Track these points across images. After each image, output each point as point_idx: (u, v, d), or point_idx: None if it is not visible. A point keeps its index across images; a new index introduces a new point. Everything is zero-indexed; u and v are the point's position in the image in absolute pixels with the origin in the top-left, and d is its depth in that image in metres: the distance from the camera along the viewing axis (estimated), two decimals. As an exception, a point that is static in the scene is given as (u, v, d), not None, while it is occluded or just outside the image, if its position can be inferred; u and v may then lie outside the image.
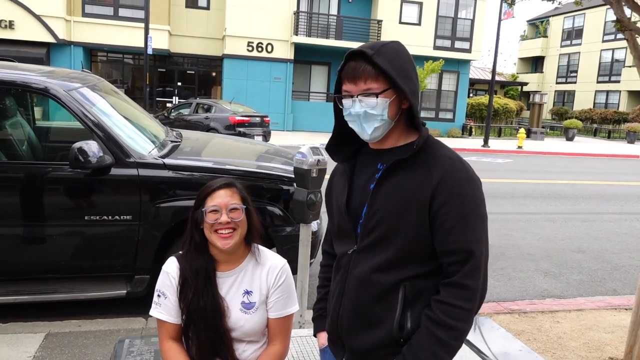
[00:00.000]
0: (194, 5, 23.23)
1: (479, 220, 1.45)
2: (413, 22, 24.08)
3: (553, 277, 5.50)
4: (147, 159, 3.64)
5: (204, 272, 1.83)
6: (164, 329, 1.87)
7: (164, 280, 1.88)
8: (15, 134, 4.05)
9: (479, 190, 1.47)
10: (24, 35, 19.24)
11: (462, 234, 1.42)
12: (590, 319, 4.20)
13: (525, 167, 15.58)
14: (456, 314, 1.42)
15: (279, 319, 1.93)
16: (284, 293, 1.93)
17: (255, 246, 1.93)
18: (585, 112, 35.64)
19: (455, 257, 1.43)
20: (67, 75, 3.99)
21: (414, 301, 1.49)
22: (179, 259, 1.90)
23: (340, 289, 1.60)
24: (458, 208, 1.42)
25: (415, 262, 1.48)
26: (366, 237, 1.51)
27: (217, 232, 1.80)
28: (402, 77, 1.43)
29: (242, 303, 1.87)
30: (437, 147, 1.50)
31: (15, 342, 3.30)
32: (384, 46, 1.45)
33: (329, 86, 25.02)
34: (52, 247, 3.56)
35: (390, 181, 1.48)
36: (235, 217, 1.81)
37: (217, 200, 1.81)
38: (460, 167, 1.46)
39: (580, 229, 7.72)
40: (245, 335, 1.88)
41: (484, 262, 1.46)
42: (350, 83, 1.46)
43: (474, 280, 1.43)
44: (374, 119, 1.46)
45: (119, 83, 23.14)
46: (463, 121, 26.53)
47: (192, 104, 16.06)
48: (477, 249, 1.43)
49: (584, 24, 38.69)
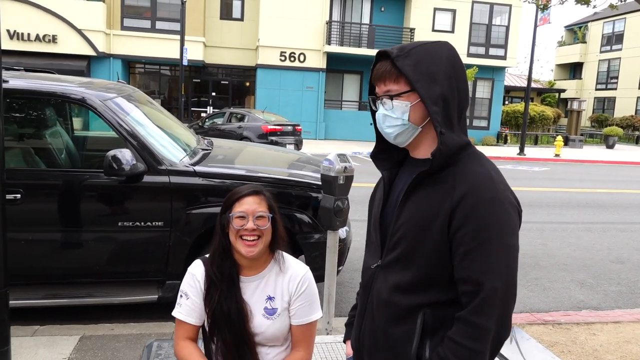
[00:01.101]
0: (228, 17, 23.66)
1: (499, 248, 1.28)
2: (446, 29, 23.90)
3: (590, 288, 5.33)
4: (178, 167, 3.71)
5: (228, 276, 1.86)
6: (182, 329, 1.90)
7: (188, 281, 1.92)
8: (54, 142, 4.20)
9: (505, 213, 1.30)
10: (66, 48, 20.00)
11: (476, 262, 1.28)
12: (629, 332, 4.05)
13: (563, 175, 15.19)
14: (461, 354, 1.29)
15: (302, 326, 1.94)
16: (307, 301, 1.93)
17: (279, 253, 1.95)
18: (627, 119, 34.54)
19: (465, 287, 1.31)
20: (104, 86, 4.12)
21: (435, 330, 1.37)
22: (204, 262, 1.93)
23: (362, 305, 1.55)
24: (474, 232, 1.27)
25: (435, 287, 1.37)
26: (390, 253, 1.43)
27: (242, 239, 1.82)
28: (424, 81, 1.33)
29: (265, 309, 1.89)
30: (469, 160, 1.37)
31: (52, 343, 3.41)
32: (419, 47, 1.37)
33: (361, 95, 25.05)
34: (86, 252, 3.67)
35: (415, 195, 1.39)
36: (261, 225, 1.82)
37: (244, 206, 1.83)
38: (487, 184, 1.31)
39: (619, 239, 7.47)
40: (267, 340, 1.90)
41: (499, 297, 1.28)
42: (376, 84, 1.43)
43: (483, 317, 1.27)
44: (393, 123, 1.40)
45: (156, 94, 23.74)
46: (498, 129, 26.10)
47: (226, 114, 16.30)
48: (488, 282, 1.27)
49: (624, 29, 37.61)
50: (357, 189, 3.36)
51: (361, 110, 24.59)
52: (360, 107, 24.89)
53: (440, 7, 23.76)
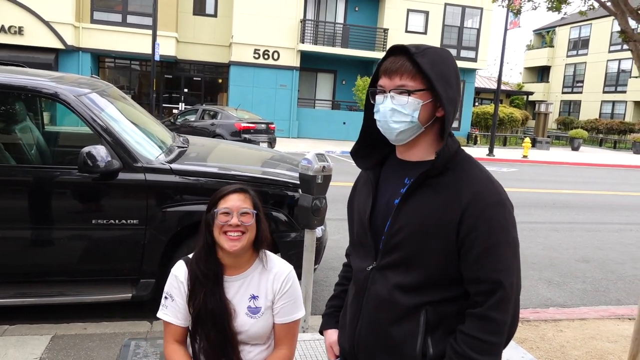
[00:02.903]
0: (201, 13, 23.40)
1: (509, 247, 1.36)
2: (419, 30, 24.17)
3: (557, 286, 5.50)
4: (154, 164, 3.68)
5: (212, 275, 1.86)
6: (170, 331, 1.91)
7: (172, 283, 1.92)
8: (24, 138, 4.10)
9: (509, 215, 1.38)
10: (33, 41, 19.44)
11: (491, 262, 1.33)
12: (594, 328, 4.19)
13: (531, 176, 15.56)
14: (482, 348, 1.34)
15: (285, 325, 1.96)
16: (290, 299, 1.95)
17: (262, 252, 1.96)
18: (591, 122, 35.57)
19: (482, 287, 1.35)
20: (76, 80, 4.05)
21: (436, 327, 1.41)
22: (187, 262, 1.94)
23: (356, 307, 1.52)
24: (486, 234, 1.33)
25: (438, 286, 1.40)
26: (387, 256, 1.43)
27: (226, 234, 1.83)
28: (441, 82, 1.35)
29: (249, 307, 1.90)
30: (468, 166, 1.41)
31: (22, 344, 3.33)
32: (430, 49, 1.38)
33: (334, 94, 25.14)
34: (59, 250, 3.60)
35: (415, 199, 1.39)
36: (246, 221, 1.85)
37: (229, 203, 1.85)
38: (491, 189, 1.37)
39: (584, 239, 7.71)
40: (250, 338, 1.91)
41: (514, 293, 1.36)
42: (385, 77, 1.39)
43: (501, 312, 1.34)
44: (402, 119, 1.38)
45: (126, 89, 23.30)
46: (468, 130, 26.53)
47: (198, 111, 16.15)
48: (506, 280, 1.33)
49: (590, 34, 38.69)
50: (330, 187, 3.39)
51: (334, 110, 24.67)
52: (334, 106, 24.97)
53: (414, 8, 24.00)
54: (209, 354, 1.85)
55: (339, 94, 25.19)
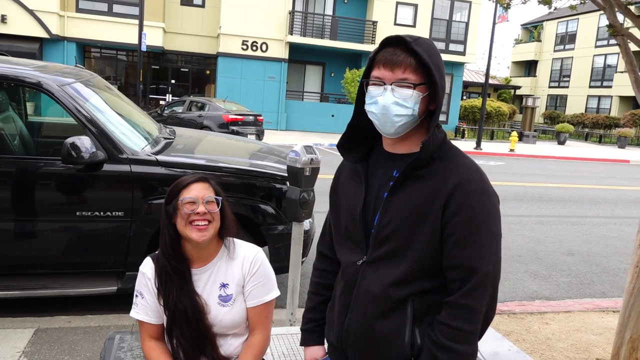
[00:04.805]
0: (189, 3, 23.16)
1: (490, 236, 1.35)
2: (408, 23, 24.16)
3: (542, 279, 5.54)
4: (139, 156, 3.63)
5: (178, 273, 1.82)
6: (144, 329, 1.89)
7: (140, 281, 1.89)
8: (7, 128, 4.02)
9: (493, 205, 1.37)
10: (17, 29, 19.10)
11: (469, 249, 1.33)
12: (579, 321, 4.23)
13: (517, 170, 15.67)
14: (456, 337, 1.33)
15: (257, 307, 1.91)
16: (260, 280, 1.91)
17: (228, 239, 1.92)
18: (577, 117, 35.91)
19: (457, 274, 1.35)
20: (60, 70, 3.97)
21: (422, 317, 1.41)
22: (154, 259, 1.89)
23: (345, 302, 1.51)
24: (467, 221, 1.33)
25: (426, 276, 1.40)
26: (377, 249, 1.42)
27: (192, 224, 1.78)
28: (438, 74, 1.35)
29: (220, 297, 1.87)
30: (455, 155, 1.41)
31: (4, 337, 3.28)
32: (420, 38, 1.37)
33: (323, 86, 25.07)
34: (43, 242, 3.55)
35: (405, 191, 1.39)
36: (212, 209, 1.81)
37: (193, 192, 1.80)
38: (476, 177, 1.37)
39: (570, 232, 7.78)
40: (226, 329, 1.88)
41: (490, 281, 1.35)
42: (386, 69, 1.35)
43: (475, 300, 1.33)
44: (404, 112, 1.35)
45: (112, 79, 23.05)
46: (456, 123, 26.65)
47: (186, 102, 16.01)
48: (481, 267, 1.33)
49: (577, 29, 38.97)
50: (318, 180, 3.37)
51: (322, 102, 24.62)
52: (322, 98, 24.92)
53: (403, 1, 23.98)
54: (187, 351, 1.83)
55: (327, 86, 25.13)
